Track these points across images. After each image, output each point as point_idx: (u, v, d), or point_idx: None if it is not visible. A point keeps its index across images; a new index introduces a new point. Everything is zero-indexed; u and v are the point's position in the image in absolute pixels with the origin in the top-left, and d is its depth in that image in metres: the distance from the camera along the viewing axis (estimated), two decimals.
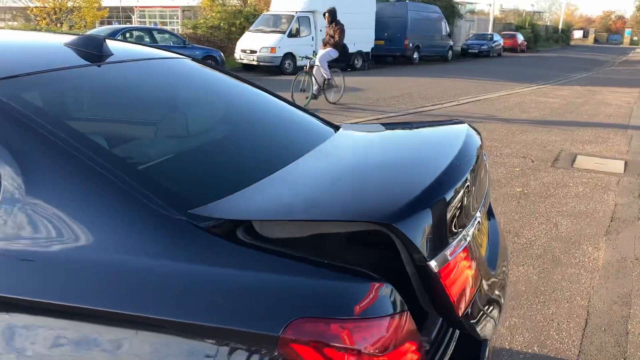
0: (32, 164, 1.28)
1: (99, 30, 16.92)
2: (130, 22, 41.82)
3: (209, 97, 2.11)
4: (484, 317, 1.52)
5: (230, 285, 1.14)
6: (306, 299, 1.12)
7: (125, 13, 43.98)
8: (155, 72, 2.01)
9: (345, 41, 11.02)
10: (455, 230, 1.39)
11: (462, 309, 1.34)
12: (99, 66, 1.78)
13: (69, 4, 24.89)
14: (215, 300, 1.12)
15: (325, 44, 11.00)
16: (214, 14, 23.12)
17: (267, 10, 20.90)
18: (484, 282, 1.57)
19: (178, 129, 1.88)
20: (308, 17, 18.32)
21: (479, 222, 1.64)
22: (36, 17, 24.71)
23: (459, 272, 1.35)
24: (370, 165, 1.72)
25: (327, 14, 10.79)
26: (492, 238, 2.02)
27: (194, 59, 2.32)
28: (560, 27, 57.92)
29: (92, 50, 1.80)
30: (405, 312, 1.18)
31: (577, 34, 70.87)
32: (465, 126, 1.98)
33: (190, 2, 35.14)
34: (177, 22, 42.24)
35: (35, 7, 24.32)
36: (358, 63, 20.25)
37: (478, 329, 1.45)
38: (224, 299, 1.12)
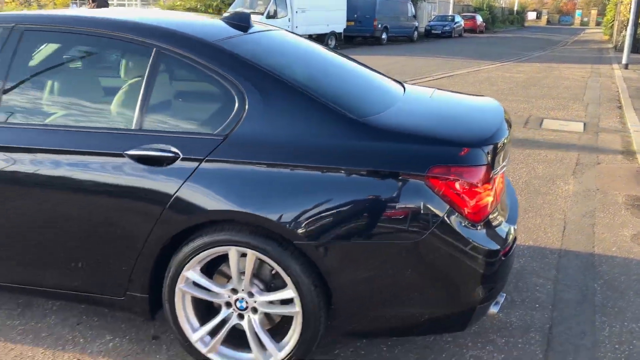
0: (270, 91, 2.18)
1: None
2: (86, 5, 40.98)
3: (319, 53, 2.98)
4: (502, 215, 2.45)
5: (401, 148, 2.08)
6: (437, 156, 2.08)
7: None
8: (282, 37, 2.88)
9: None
10: (501, 161, 2.33)
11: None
12: (258, 32, 2.67)
13: None
14: (390, 156, 2.06)
15: None
16: None
17: None
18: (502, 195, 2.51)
19: (322, 71, 2.74)
20: None
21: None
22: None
23: (499, 185, 2.31)
24: (446, 111, 2.64)
25: None
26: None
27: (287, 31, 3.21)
28: (515, 8, 60.04)
29: (244, 23, 2.68)
30: (488, 165, 2.13)
31: (531, 15, 73.49)
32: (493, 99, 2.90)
33: None
34: (136, 4, 41.87)
35: None
36: (331, 43, 21.06)
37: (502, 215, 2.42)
38: (398, 156, 2.06)
